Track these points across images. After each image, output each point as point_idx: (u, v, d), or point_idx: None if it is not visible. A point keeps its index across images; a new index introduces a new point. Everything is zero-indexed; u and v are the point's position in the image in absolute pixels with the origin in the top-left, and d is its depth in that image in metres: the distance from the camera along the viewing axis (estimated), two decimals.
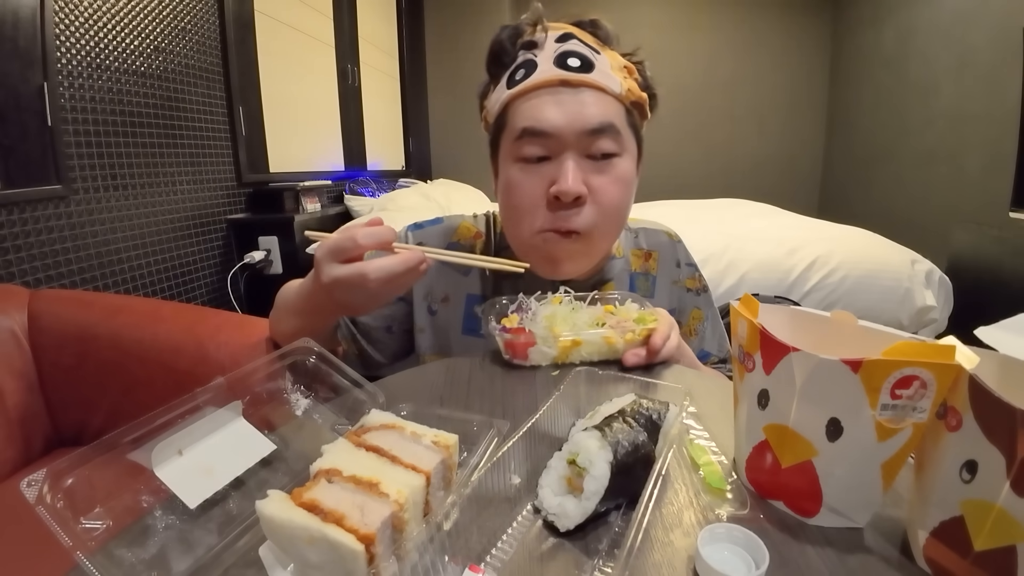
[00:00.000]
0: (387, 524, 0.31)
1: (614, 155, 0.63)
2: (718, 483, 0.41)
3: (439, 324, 0.75)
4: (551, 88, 0.61)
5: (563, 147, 0.61)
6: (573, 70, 0.61)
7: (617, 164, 0.63)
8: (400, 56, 4.05)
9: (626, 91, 0.64)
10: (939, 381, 0.32)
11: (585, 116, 0.60)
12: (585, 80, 0.61)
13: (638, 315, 0.64)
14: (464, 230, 0.78)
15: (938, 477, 0.33)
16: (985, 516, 0.29)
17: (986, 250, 2.16)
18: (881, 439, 0.34)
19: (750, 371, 0.40)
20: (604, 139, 0.61)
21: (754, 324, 0.38)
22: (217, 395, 0.42)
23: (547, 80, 0.61)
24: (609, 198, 0.63)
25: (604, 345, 0.61)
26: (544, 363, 0.62)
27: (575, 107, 0.60)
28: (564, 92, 0.61)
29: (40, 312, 1.04)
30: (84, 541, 0.31)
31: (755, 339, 0.38)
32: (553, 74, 0.61)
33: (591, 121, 0.60)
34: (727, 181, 4.36)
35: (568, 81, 0.60)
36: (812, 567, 0.33)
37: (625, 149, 0.64)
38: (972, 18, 2.76)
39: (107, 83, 1.53)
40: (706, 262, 1.87)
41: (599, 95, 0.61)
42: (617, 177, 0.63)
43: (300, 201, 2.26)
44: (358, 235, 0.53)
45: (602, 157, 0.62)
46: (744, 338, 0.40)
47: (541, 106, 0.61)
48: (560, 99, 0.60)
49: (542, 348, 0.61)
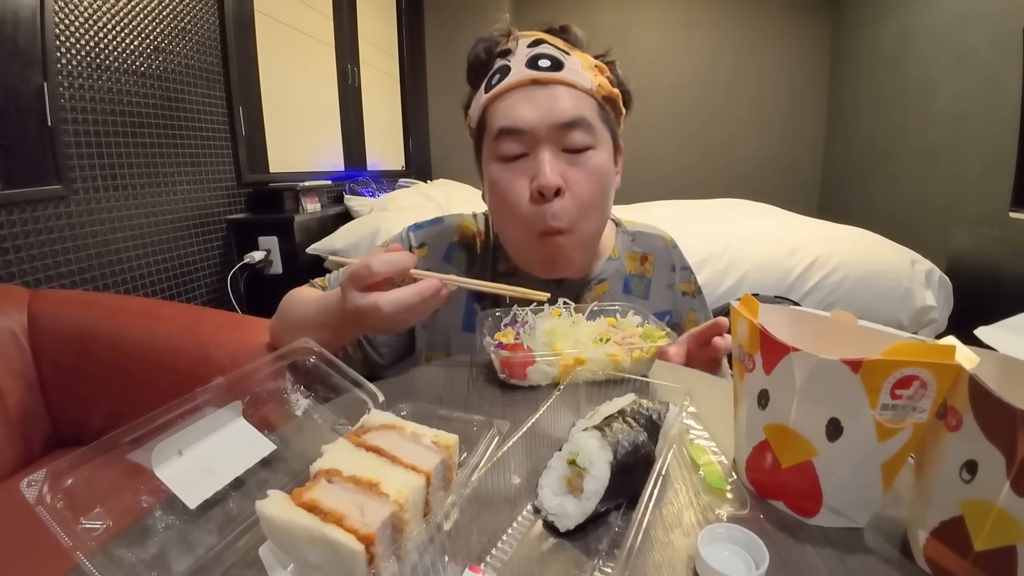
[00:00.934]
0: (387, 524, 0.31)
1: (588, 148, 0.65)
2: (718, 483, 0.41)
3: (440, 321, 0.75)
4: (524, 87, 0.64)
5: (538, 142, 0.64)
6: (544, 70, 0.64)
7: (592, 157, 0.65)
8: (400, 56, 4.05)
9: (597, 87, 0.66)
10: (939, 381, 0.32)
11: (557, 111, 0.63)
12: (555, 78, 0.64)
13: (644, 330, 0.62)
14: (465, 229, 0.78)
15: (938, 477, 0.33)
16: (985, 516, 0.29)
17: (986, 250, 2.16)
18: (881, 439, 0.34)
19: (750, 371, 0.40)
20: (577, 132, 0.64)
21: (754, 324, 0.38)
22: (217, 395, 0.42)
23: (519, 80, 0.64)
24: (585, 191, 0.65)
25: (609, 363, 0.58)
26: (544, 383, 0.58)
27: (547, 103, 0.63)
28: (536, 90, 0.64)
29: (40, 312, 1.04)
30: (84, 541, 0.30)
31: (755, 339, 0.38)
32: (525, 74, 0.64)
33: (563, 115, 0.63)
34: (727, 181, 4.36)
35: (539, 80, 0.63)
36: (812, 567, 0.33)
37: (599, 141, 0.66)
38: (972, 18, 2.75)
39: (107, 83, 1.53)
40: (706, 262, 1.87)
41: (570, 91, 0.64)
42: (592, 170, 0.66)
43: (300, 201, 2.26)
44: (373, 263, 0.54)
45: (577, 151, 0.65)
46: (744, 338, 0.40)
47: (515, 104, 0.64)
48: (532, 96, 0.63)
49: (542, 367, 0.57)
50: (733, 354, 0.44)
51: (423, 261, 0.75)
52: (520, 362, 0.57)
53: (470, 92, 0.74)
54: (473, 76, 0.72)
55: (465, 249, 0.77)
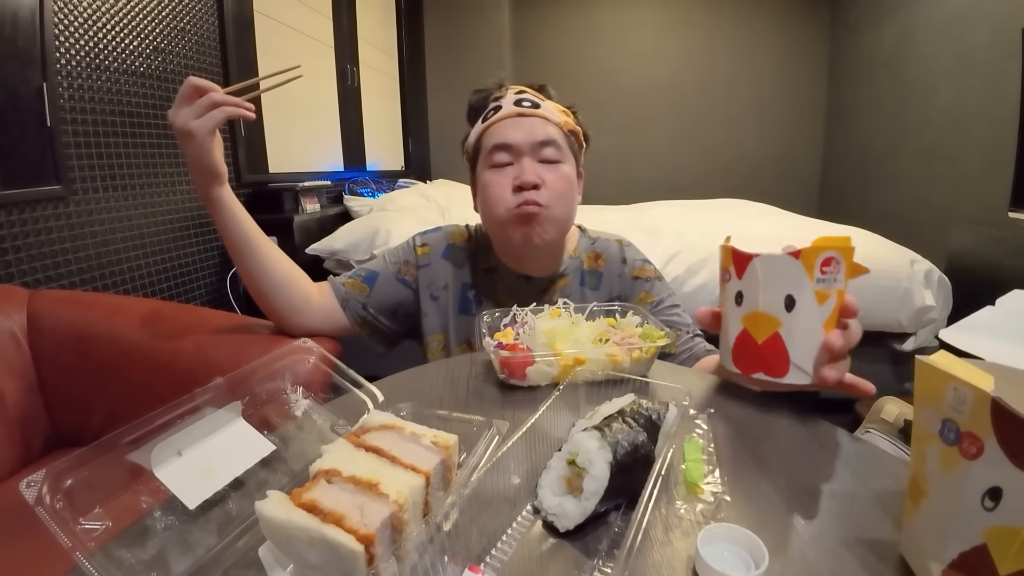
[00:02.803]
0: (387, 524, 0.31)
1: (559, 161, 0.85)
2: (694, 479, 0.41)
3: (440, 307, 0.93)
4: (512, 118, 0.85)
5: (521, 154, 0.83)
6: (526, 107, 0.85)
7: (561, 167, 0.85)
8: (399, 56, 4.05)
9: (563, 122, 0.87)
10: (845, 259, 0.49)
11: (536, 133, 0.83)
12: (534, 112, 0.85)
13: (643, 330, 0.62)
14: (458, 235, 0.97)
15: (956, 508, 0.31)
16: (1011, 542, 0.28)
17: (985, 250, 2.16)
18: (820, 303, 0.49)
19: (727, 281, 0.55)
20: (550, 149, 0.84)
21: (727, 246, 0.55)
22: (216, 396, 0.42)
23: (508, 113, 0.85)
24: (557, 186, 0.84)
25: (608, 363, 0.59)
26: (543, 383, 0.59)
27: (529, 128, 0.84)
28: (521, 120, 0.85)
29: (39, 313, 1.04)
30: (84, 542, 0.30)
31: (728, 256, 0.54)
32: (512, 109, 0.85)
33: (540, 136, 0.83)
34: (726, 181, 4.35)
35: (523, 113, 0.85)
36: (812, 567, 0.33)
37: (566, 159, 0.86)
38: (971, 18, 2.76)
39: (106, 83, 1.53)
40: (706, 262, 1.87)
41: (545, 122, 0.85)
42: (562, 175, 0.84)
43: (299, 201, 2.26)
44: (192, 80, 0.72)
45: (550, 162, 0.84)
46: (721, 260, 0.56)
47: (505, 128, 0.84)
48: (518, 123, 0.84)
49: (541, 367, 0.58)
50: (720, 279, 0.57)
51: (425, 256, 0.93)
52: (520, 362, 0.58)
53: (468, 130, 0.93)
54: (472, 115, 0.92)
55: (458, 250, 0.95)
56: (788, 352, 0.51)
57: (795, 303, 0.49)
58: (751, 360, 0.53)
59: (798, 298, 0.49)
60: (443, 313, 0.93)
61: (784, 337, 0.50)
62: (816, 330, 0.50)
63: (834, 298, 0.49)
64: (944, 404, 0.31)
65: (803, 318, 0.50)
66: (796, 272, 0.49)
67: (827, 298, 0.49)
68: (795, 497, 0.41)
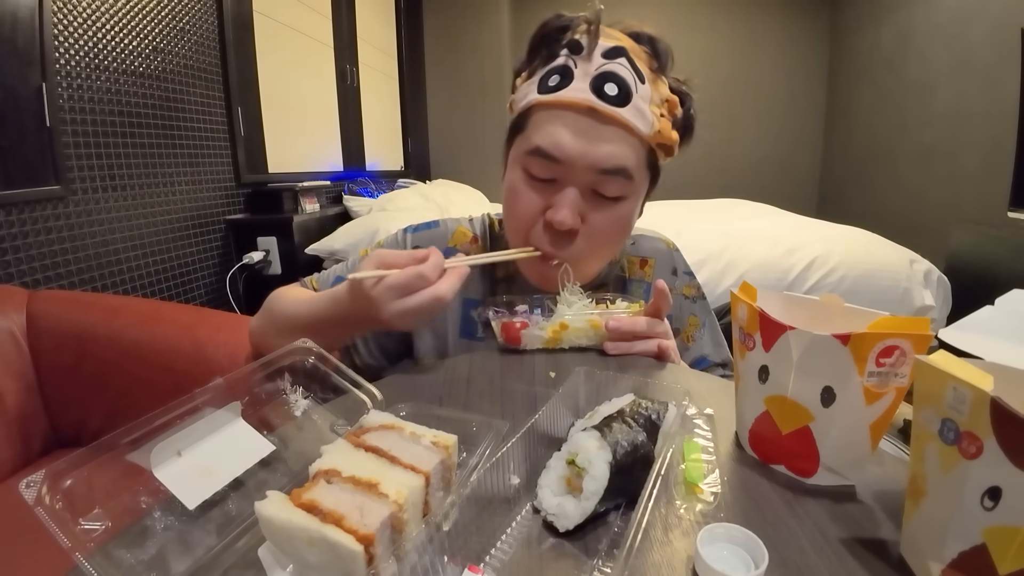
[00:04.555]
0: (386, 525, 0.31)
1: (621, 198, 0.62)
2: (694, 479, 0.41)
3: (437, 328, 0.74)
4: (577, 112, 0.58)
5: (570, 178, 0.60)
6: (608, 99, 0.57)
7: (620, 206, 0.62)
8: (399, 56, 4.05)
9: (655, 132, 0.60)
10: (916, 349, 0.36)
11: (600, 155, 0.58)
12: (614, 115, 0.57)
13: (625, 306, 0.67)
14: (460, 235, 0.77)
15: (956, 508, 0.31)
16: (1010, 541, 0.28)
17: (985, 250, 2.16)
18: (869, 403, 0.38)
19: (751, 350, 0.44)
20: (613, 182, 0.60)
21: (753, 307, 0.42)
22: (216, 396, 0.42)
23: (576, 103, 0.57)
24: (604, 234, 0.64)
25: (590, 329, 0.65)
26: (537, 346, 0.65)
27: (595, 141, 0.58)
28: (588, 121, 0.58)
29: (39, 313, 1.04)
30: (83, 542, 0.30)
31: (755, 321, 0.42)
32: (584, 98, 0.57)
33: (605, 163, 0.58)
34: (726, 181, 4.36)
35: (596, 110, 0.57)
36: (812, 567, 0.33)
37: (633, 192, 0.62)
38: (971, 18, 2.76)
39: (106, 84, 1.53)
40: (705, 262, 1.87)
41: (623, 135, 0.59)
42: (617, 218, 0.63)
43: (299, 201, 2.26)
44: (425, 271, 0.55)
45: (607, 198, 0.61)
46: (744, 320, 0.44)
47: (561, 129, 0.58)
48: (582, 127, 0.58)
49: (534, 331, 0.65)
50: (734, 336, 0.47)
51: None
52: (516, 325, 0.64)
53: (525, 59, 0.65)
54: (533, 53, 0.63)
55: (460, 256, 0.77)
56: (819, 452, 0.40)
57: (835, 398, 0.38)
58: (772, 450, 0.44)
59: (840, 393, 0.38)
60: (440, 335, 0.73)
61: (816, 435, 0.40)
62: (858, 432, 0.39)
63: (891, 396, 0.38)
64: (943, 404, 0.31)
65: (844, 417, 0.39)
66: (841, 360, 0.37)
67: (879, 397, 0.38)
68: (795, 497, 0.41)
